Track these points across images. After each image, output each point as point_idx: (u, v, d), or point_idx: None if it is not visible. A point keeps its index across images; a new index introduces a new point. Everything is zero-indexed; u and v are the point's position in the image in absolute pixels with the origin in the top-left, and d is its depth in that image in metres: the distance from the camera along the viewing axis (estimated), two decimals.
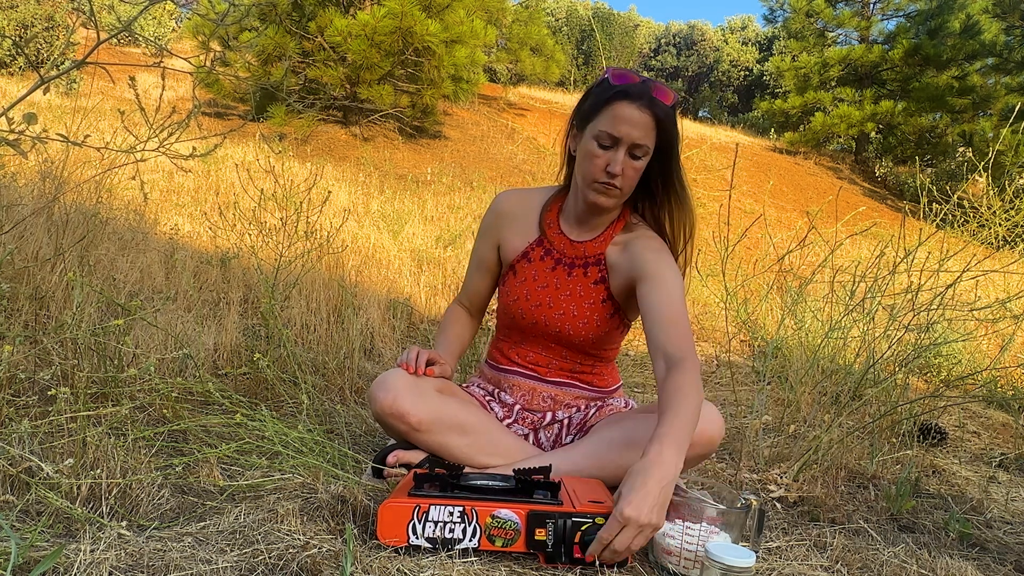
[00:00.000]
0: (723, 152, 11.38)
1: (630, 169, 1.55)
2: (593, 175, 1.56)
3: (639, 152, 1.54)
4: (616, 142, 1.53)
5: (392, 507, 1.28)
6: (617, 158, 1.53)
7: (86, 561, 1.09)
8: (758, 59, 24.69)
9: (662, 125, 1.54)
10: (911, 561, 1.47)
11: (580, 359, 1.74)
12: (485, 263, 1.80)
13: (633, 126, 1.51)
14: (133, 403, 1.78)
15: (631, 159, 1.55)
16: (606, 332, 1.70)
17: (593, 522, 1.26)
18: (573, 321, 1.68)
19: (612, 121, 1.52)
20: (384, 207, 5.84)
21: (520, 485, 1.37)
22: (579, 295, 1.68)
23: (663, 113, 1.53)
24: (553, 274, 1.70)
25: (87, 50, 1.65)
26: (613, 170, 1.53)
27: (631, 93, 1.52)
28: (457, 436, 1.60)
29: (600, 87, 1.58)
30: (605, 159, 1.54)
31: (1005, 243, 3.90)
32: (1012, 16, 13.10)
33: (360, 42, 8.20)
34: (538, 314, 1.70)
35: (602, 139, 1.54)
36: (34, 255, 2.47)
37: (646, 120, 1.52)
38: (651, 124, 1.53)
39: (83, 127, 4.00)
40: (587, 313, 1.68)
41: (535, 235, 1.73)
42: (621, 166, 1.53)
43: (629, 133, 1.52)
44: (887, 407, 2.43)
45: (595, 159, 1.55)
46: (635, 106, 1.51)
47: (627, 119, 1.51)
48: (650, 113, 1.52)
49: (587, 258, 1.69)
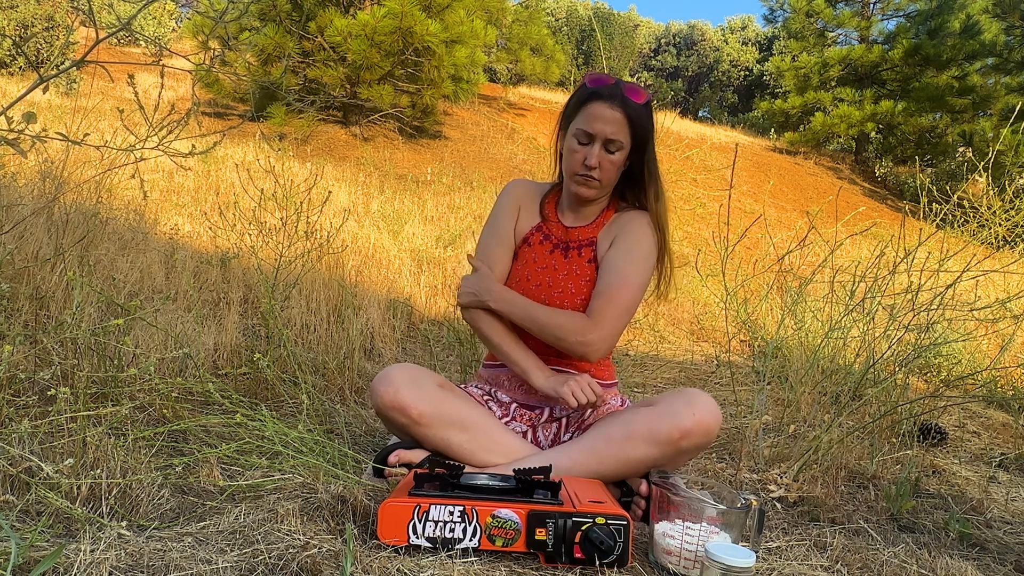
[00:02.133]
0: (723, 152, 11.38)
1: (606, 162, 1.70)
2: (573, 168, 1.73)
3: (613, 147, 1.69)
4: (591, 138, 1.69)
5: (392, 507, 1.28)
6: (593, 152, 1.69)
7: (86, 561, 1.09)
8: (758, 59, 24.69)
9: (633, 122, 1.69)
10: (911, 561, 1.47)
11: None
12: (508, 238, 1.85)
13: (606, 123, 1.67)
14: (133, 403, 1.78)
15: (607, 153, 1.70)
16: None
17: (593, 522, 1.26)
18: (572, 299, 1.75)
19: (587, 119, 1.69)
20: (384, 207, 5.84)
21: (520, 485, 1.37)
22: (575, 274, 1.77)
23: (633, 111, 1.69)
24: (551, 256, 1.80)
25: (87, 50, 1.65)
26: (590, 163, 1.69)
27: (603, 94, 1.69)
28: (457, 432, 1.62)
29: (579, 90, 1.75)
30: (583, 154, 1.71)
31: (1005, 243, 3.90)
32: (1012, 16, 13.09)
33: (360, 42, 8.20)
34: (538, 294, 1.76)
35: (580, 136, 1.71)
36: (34, 255, 2.47)
37: (618, 117, 1.67)
38: (623, 121, 1.68)
39: (83, 127, 4.00)
40: (584, 291, 1.75)
41: (536, 221, 1.85)
42: (597, 159, 1.69)
43: (602, 130, 1.68)
44: (887, 407, 2.43)
45: (574, 154, 1.72)
46: (607, 105, 1.68)
47: (600, 117, 1.68)
48: (622, 111, 1.68)
49: (581, 241, 1.81)
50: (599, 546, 1.26)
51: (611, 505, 1.32)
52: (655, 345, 3.71)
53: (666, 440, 1.53)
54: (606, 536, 1.26)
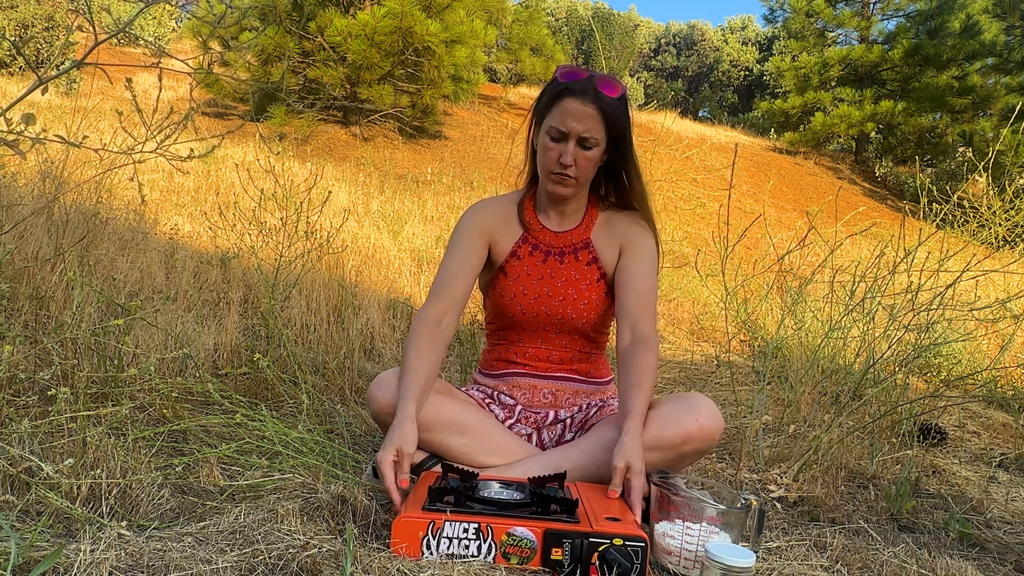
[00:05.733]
0: (723, 152, 11.38)
1: (582, 159, 1.64)
2: (548, 167, 1.66)
3: (588, 143, 1.63)
4: (564, 136, 1.63)
5: (406, 522, 1.26)
6: (567, 149, 1.63)
7: (86, 561, 1.09)
8: (758, 59, 24.69)
9: (607, 117, 1.62)
10: (911, 561, 1.47)
11: (579, 346, 1.76)
12: (473, 257, 1.74)
13: (579, 120, 1.60)
14: (133, 403, 1.78)
15: (582, 150, 1.63)
16: (604, 311, 1.76)
17: (611, 543, 1.24)
18: (575, 304, 1.72)
19: (560, 116, 1.62)
20: (384, 207, 5.83)
21: (536, 498, 1.35)
22: (575, 279, 1.74)
23: (607, 106, 1.62)
24: (545, 265, 1.75)
25: (86, 50, 1.65)
26: (565, 161, 1.63)
27: (575, 90, 1.61)
28: (455, 436, 1.61)
29: (551, 85, 1.68)
30: (557, 151, 1.64)
31: (1005, 243, 3.90)
32: (1012, 16, 13.09)
33: (360, 42, 8.20)
34: (539, 306, 1.73)
35: (553, 133, 1.64)
36: (34, 255, 2.47)
37: (591, 113, 1.60)
38: (596, 116, 1.61)
39: (83, 127, 4.00)
40: (586, 294, 1.73)
41: (519, 233, 1.78)
42: (572, 157, 1.63)
43: (575, 127, 1.61)
44: (887, 407, 2.43)
45: (549, 152, 1.65)
46: (579, 101, 1.60)
47: (572, 114, 1.61)
48: (595, 107, 1.60)
49: (575, 244, 1.76)
50: (616, 567, 1.24)
51: (628, 524, 1.29)
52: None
53: (668, 445, 1.52)
54: (623, 557, 1.23)
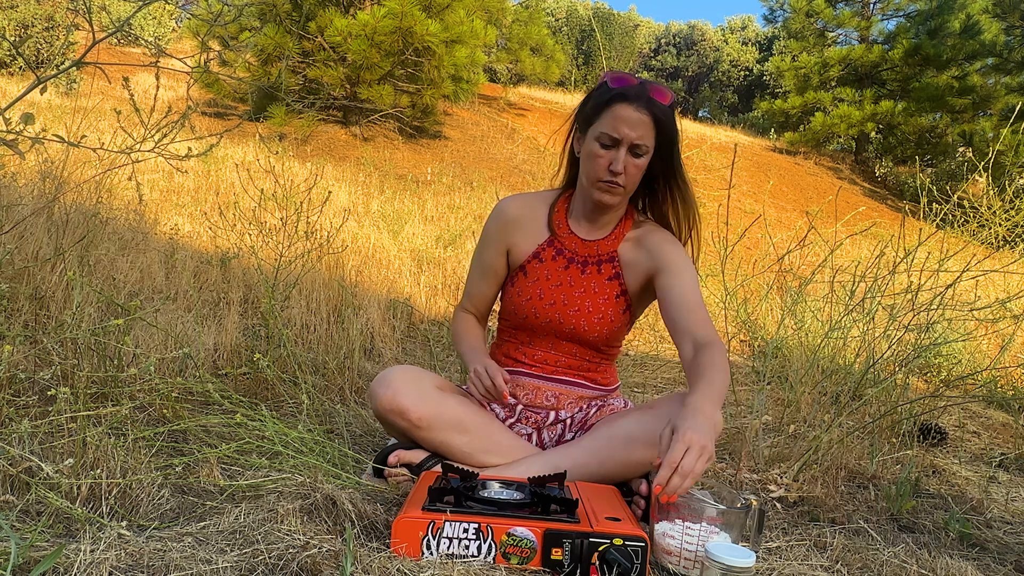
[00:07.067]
0: (723, 152, 11.37)
1: (632, 167, 1.61)
2: (597, 175, 1.63)
3: (640, 151, 1.61)
4: (617, 142, 1.60)
5: (406, 522, 1.26)
6: (619, 157, 1.60)
7: (86, 561, 1.09)
8: (758, 59, 24.67)
9: (661, 124, 1.60)
10: (911, 561, 1.47)
11: (589, 355, 1.75)
12: (492, 269, 1.80)
13: (632, 127, 1.58)
14: (133, 403, 1.78)
15: (633, 157, 1.61)
16: (618, 327, 1.75)
17: (611, 543, 1.25)
18: (588, 317, 1.71)
19: (612, 122, 1.59)
20: (384, 207, 5.83)
21: (536, 498, 1.35)
22: (594, 291, 1.72)
23: (661, 113, 1.60)
24: (567, 272, 1.74)
25: (85, 50, 1.65)
26: (616, 168, 1.60)
27: (629, 95, 1.59)
28: (457, 434, 1.61)
29: (600, 90, 1.64)
30: (608, 158, 1.61)
31: (1005, 243, 3.91)
32: (1012, 16, 13.08)
33: (360, 42, 8.20)
34: (552, 312, 1.72)
35: (603, 140, 1.60)
36: (34, 255, 2.47)
37: (645, 120, 1.58)
38: (650, 124, 1.59)
39: (83, 127, 4.00)
40: (602, 309, 1.71)
41: (545, 236, 1.76)
42: (623, 164, 1.60)
43: (628, 133, 1.58)
44: (887, 407, 2.43)
45: (598, 159, 1.61)
46: (633, 107, 1.58)
47: (626, 120, 1.58)
48: (648, 113, 1.58)
49: (600, 255, 1.74)
50: (616, 567, 1.24)
51: (628, 524, 1.30)
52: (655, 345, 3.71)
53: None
54: (623, 557, 1.24)
